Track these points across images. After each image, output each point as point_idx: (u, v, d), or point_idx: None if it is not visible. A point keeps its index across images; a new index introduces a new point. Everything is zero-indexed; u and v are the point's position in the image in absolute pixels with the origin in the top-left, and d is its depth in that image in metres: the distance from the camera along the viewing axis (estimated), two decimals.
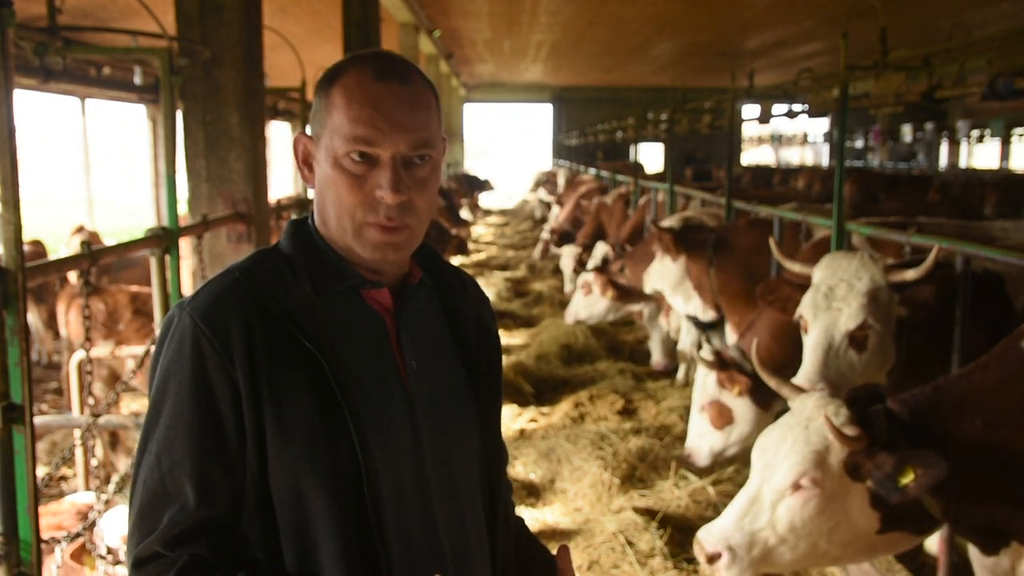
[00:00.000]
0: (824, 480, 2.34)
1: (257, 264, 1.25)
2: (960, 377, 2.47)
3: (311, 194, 1.32)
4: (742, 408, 4.06)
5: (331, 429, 1.17)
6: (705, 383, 4.15)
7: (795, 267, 3.65)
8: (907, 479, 2.20)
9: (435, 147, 1.25)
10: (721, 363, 4.09)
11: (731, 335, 5.28)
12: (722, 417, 4.11)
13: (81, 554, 2.62)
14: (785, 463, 2.39)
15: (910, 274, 3.20)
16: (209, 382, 1.16)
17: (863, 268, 3.29)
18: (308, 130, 1.30)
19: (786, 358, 3.90)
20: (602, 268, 6.72)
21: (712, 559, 2.43)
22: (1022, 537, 2.44)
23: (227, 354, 1.15)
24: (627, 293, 6.54)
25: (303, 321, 1.19)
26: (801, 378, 3.20)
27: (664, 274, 5.60)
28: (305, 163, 1.28)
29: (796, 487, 2.37)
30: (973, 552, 2.68)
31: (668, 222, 5.93)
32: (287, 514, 1.17)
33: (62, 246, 8.59)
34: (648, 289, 5.91)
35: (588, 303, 6.74)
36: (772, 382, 2.73)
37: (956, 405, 2.36)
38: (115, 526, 2.63)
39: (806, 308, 3.34)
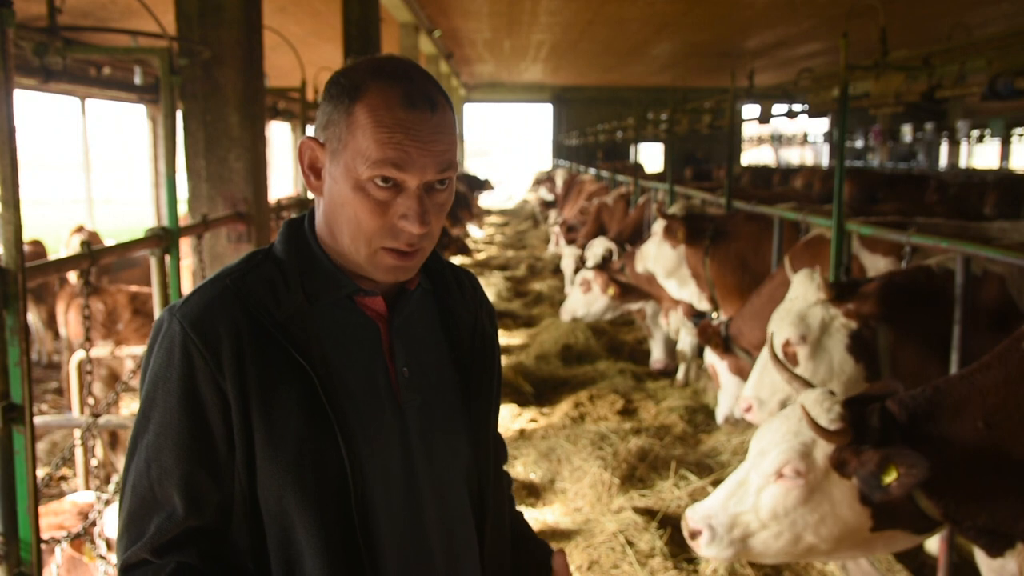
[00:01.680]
0: (808, 472, 2.36)
1: (249, 272, 1.23)
2: (961, 378, 2.46)
3: (311, 195, 1.29)
4: (723, 373, 4.44)
5: (319, 442, 1.16)
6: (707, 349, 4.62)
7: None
8: (890, 478, 2.21)
9: (456, 168, 1.23)
10: (702, 329, 4.48)
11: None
12: (715, 380, 4.55)
13: (80, 544, 2.62)
14: (773, 451, 2.42)
15: (820, 295, 3.41)
16: (198, 391, 1.14)
17: (803, 287, 3.49)
18: (314, 134, 1.25)
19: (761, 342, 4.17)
20: (602, 266, 6.71)
21: (694, 535, 2.49)
22: None
23: (216, 363, 1.14)
24: (628, 291, 6.54)
25: (293, 332, 1.18)
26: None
27: (660, 258, 5.63)
28: (311, 169, 1.24)
29: (779, 475, 2.39)
30: (979, 554, 2.67)
31: (671, 209, 5.97)
32: (274, 525, 1.17)
33: (62, 246, 8.58)
34: (640, 268, 5.94)
35: (587, 301, 6.74)
36: (784, 375, 2.76)
37: (956, 405, 2.35)
38: (116, 524, 2.63)
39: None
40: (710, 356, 4.62)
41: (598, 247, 7.75)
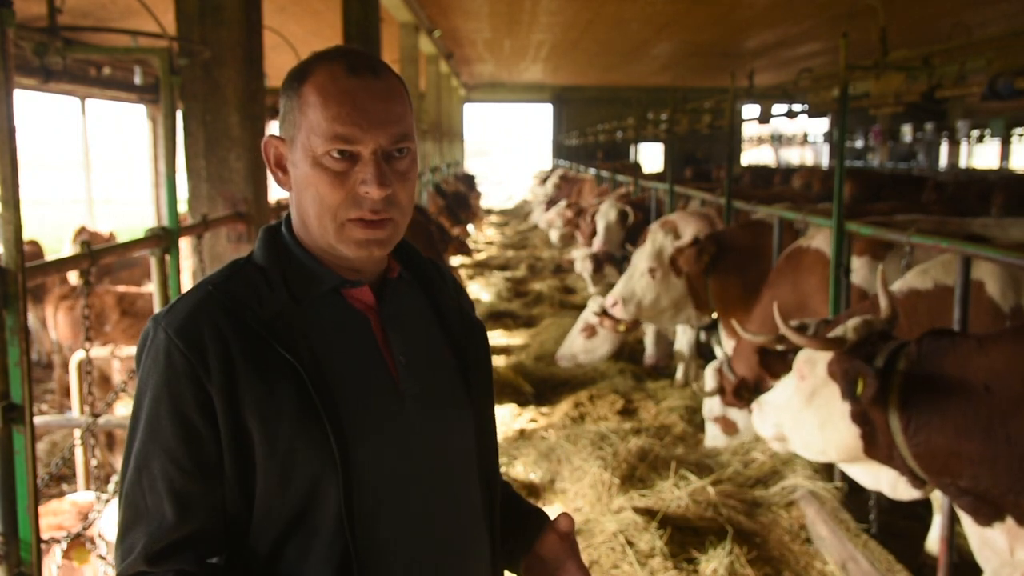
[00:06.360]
0: (809, 375, 2.73)
1: (231, 276, 1.24)
2: (978, 340, 2.49)
3: (286, 192, 1.30)
4: (744, 420, 4.54)
5: (311, 439, 1.15)
6: (711, 402, 4.71)
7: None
8: (860, 389, 2.49)
9: (413, 139, 1.24)
10: (722, 388, 4.51)
11: (724, 338, 5.31)
12: (729, 428, 4.68)
13: (71, 549, 2.61)
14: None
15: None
16: (183, 396, 1.14)
17: None
18: (277, 132, 1.28)
19: (754, 378, 4.33)
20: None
21: (751, 412, 3.18)
22: (1017, 515, 2.44)
23: (203, 367, 1.14)
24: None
25: (279, 330, 1.18)
26: None
27: (669, 290, 5.57)
28: (278, 166, 1.27)
29: (798, 371, 2.82)
30: (968, 522, 2.67)
31: (670, 220, 5.95)
32: (266, 523, 1.17)
33: (66, 246, 8.58)
34: (626, 314, 5.85)
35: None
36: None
37: (962, 362, 2.43)
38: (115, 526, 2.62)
39: None
40: (720, 408, 4.55)
41: (610, 208, 7.74)
